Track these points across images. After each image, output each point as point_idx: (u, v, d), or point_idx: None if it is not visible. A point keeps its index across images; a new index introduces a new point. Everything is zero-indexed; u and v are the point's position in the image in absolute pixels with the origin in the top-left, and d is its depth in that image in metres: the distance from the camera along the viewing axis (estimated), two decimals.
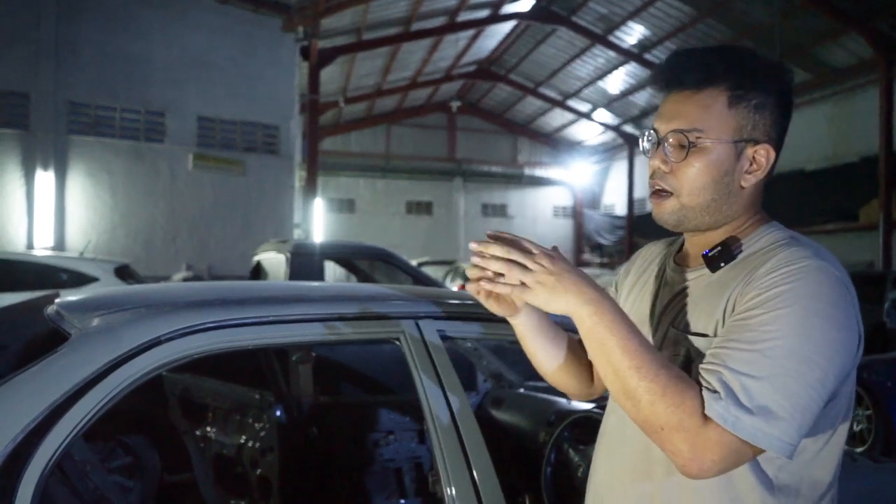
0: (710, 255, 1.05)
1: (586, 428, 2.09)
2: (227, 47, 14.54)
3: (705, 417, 0.88)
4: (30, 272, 7.63)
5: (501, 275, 0.96)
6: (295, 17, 14.97)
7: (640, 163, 25.48)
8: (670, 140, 1.03)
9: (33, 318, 1.70)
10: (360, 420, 2.69)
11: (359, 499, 2.59)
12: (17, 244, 12.68)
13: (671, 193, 1.05)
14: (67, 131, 13.31)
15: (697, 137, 1.01)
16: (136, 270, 8.67)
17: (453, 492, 1.44)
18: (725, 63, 1.02)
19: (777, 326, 0.89)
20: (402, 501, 2.65)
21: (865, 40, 15.46)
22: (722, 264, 1.04)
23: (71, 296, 1.69)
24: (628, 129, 25.36)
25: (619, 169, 27.69)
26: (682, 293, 1.09)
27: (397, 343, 1.58)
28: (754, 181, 1.05)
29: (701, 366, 0.93)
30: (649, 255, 1.27)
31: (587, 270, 20.84)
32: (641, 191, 25.66)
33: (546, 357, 1.22)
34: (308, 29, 15.52)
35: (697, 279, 1.08)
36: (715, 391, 0.88)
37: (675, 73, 1.04)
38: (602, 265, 26.08)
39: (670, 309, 1.10)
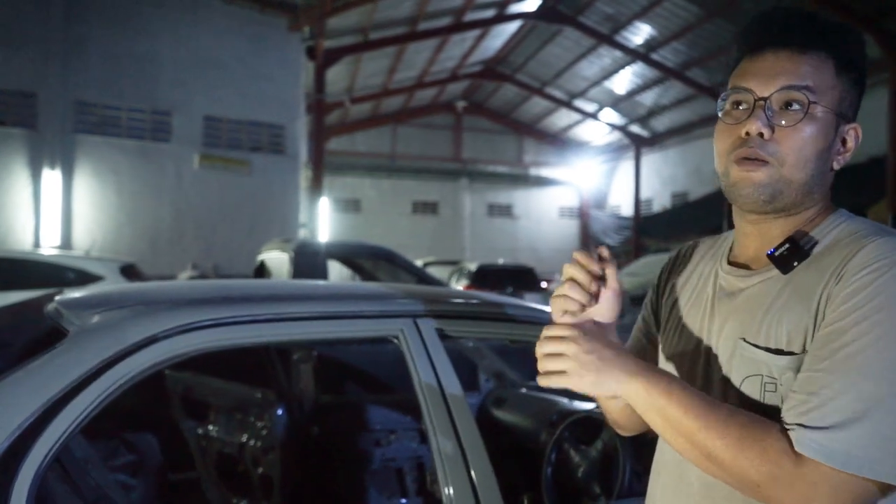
0: (776, 254, 0.91)
1: (588, 428, 2.08)
2: (234, 47, 14.57)
3: (798, 456, 0.76)
4: (36, 271, 7.67)
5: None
6: (301, 17, 14.99)
7: (647, 163, 25.42)
8: (777, 100, 0.88)
9: (34, 316, 1.71)
10: (361, 419, 2.69)
11: (360, 498, 2.59)
12: (23, 243, 12.74)
13: (768, 163, 0.89)
14: (74, 131, 13.38)
15: (811, 102, 0.87)
16: (141, 269, 8.71)
17: (451, 492, 1.43)
18: (833, 28, 0.90)
19: (875, 336, 0.77)
20: (404, 501, 2.64)
21: (875, 40, 15.37)
22: (795, 263, 0.89)
23: (70, 294, 1.69)
24: (635, 129, 25.30)
25: (626, 169, 27.62)
26: (749, 300, 0.93)
27: (396, 341, 1.57)
28: (843, 163, 0.93)
29: (790, 392, 0.82)
30: (696, 255, 1.10)
31: None
32: (648, 191, 25.60)
33: (623, 414, 1.08)
34: (314, 29, 15.55)
35: (766, 283, 0.92)
36: (803, 425, 0.77)
37: (781, 28, 0.90)
38: None
39: (734, 319, 0.94)
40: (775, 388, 0.86)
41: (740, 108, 0.92)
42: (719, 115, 0.95)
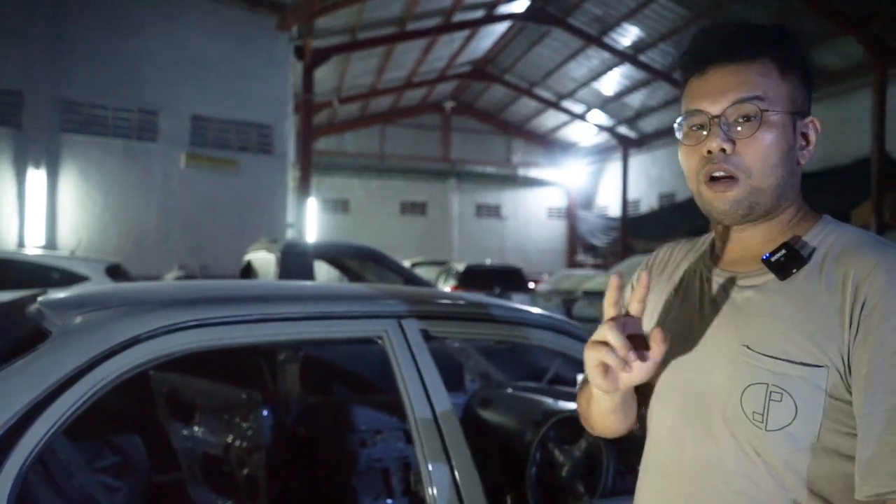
0: (773, 259, 0.90)
1: (572, 428, 2.10)
2: (222, 46, 14.50)
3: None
4: (21, 271, 7.61)
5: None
6: (289, 17, 14.94)
7: (634, 164, 25.53)
8: (731, 115, 0.90)
9: (16, 317, 1.70)
10: (347, 420, 2.69)
11: (346, 498, 2.59)
12: (8, 242, 12.63)
13: (736, 178, 0.90)
14: (60, 130, 13.27)
15: (763, 110, 0.89)
16: (127, 269, 8.65)
17: (434, 492, 1.44)
18: (771, 34, 0.93)
19: None
20: (390, 501, 2.64)
21: (860, 43, 15.53)
22: (794, 270, 0.89)
23: (53, 294, 1.68)
24: (622, 130, 25.39)
25: (613, 170, 27.73)
26: (747, 306, 0.92)
27: (380, 342, 1.58)
28: (808, 158, 0.95)
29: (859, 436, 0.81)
30: (675, 257, 1.11)
31: (581, 272, 20.88)
32: (635, 192, 25.71)
33: (615, 420, 1.07)
34: (302, 28, 15.50)
35: (762, 288, 0.91)
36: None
37: (720, 44, 0.93)
38: (596, 266, 26.11)
39: (729, 323, 0.93)
40: (781, 397, 0.85)
41: (698, 129, 0.94)
42: (679, 138, 0.97)
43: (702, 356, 0.94)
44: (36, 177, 12.98)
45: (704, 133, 0.92)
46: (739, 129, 0.90)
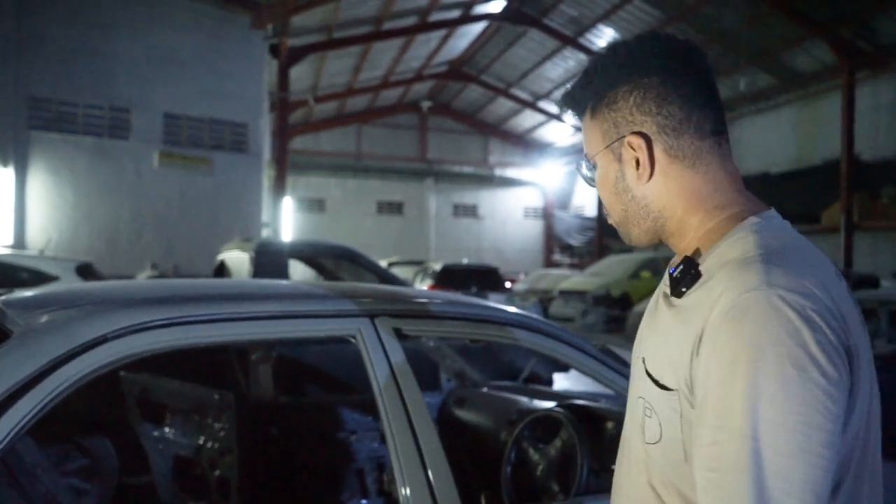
0: (674, 274, 0.88)
1: (547, 427, 2.09)
2: (195, 43, 14.33)
3: None
4: None
5: None
6: (264, 14, 14.81)
7: None
8: (589, 175, 1.03)
9: None
10: (321, 420, 2.66)
11: (319, 499, 2.57)
12: None
13: (607, 216, 1.03)
14: (28, 127, 13.01)
15: (578, 165, 1.03)
16: (99, 269, 8.51)
17: (408, 492, 1.43)
18: (583, 83, 0.98)
19: (727, 418, 0.73)
20: (364, 502, 2.63)
21: (829, 47, 15.79)
22: (683, 289, 0.86)
23: (16, 293, 1.64)
24: None
25: None
26: (658, 318, 0.92)
27: (353, 341, 1.56)
28: (647, 175, 0.92)
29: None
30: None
31: (557, 271, 20.93)
32: None
33: None
34: (277, 26, 15.38)
35: (669, 302, 0.89)
36: None
37: (574, 119, 1.02)
38: (572, 266, 26.26)
39: (644, 336, 0.95)
40: (651, 414, 0.87)
41: None
42: None
43: (633, 360, 0.98)
44: (3, 175, 12.72)
45: None
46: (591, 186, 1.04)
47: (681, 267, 0.87)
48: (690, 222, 0.92)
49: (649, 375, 0.88)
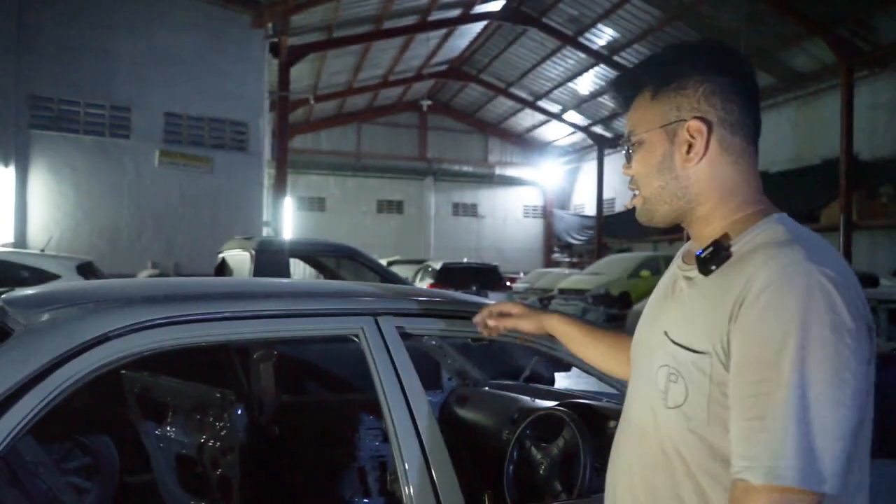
0: (702, 255, 0.99)
1: (549, 425, 2.09)
2: (195, 42, 14.30)
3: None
4: None
5: None
6: (265, 13, 14.79)
7: (610, 163, 25.71)
8: (625, 150, 1.12)
9: None
10: (322, 419, 2.66)
11: (321, 498, 2.56)
12: None
13: (635, 192, 1.11)
14: (29, 126, 12.99)
15: (631, 139, 1.09)
16: (99, 268, 8.50)
17: (412, 491, 1.42)
18: (646, 68, 1.09)
19: (775, 372, 0.85)
20: (366, 501, 2.62)
21: (828, 46, 15.77)
22: (713, 267, 0.98)
23: (17, 292, 1.64)
24: (598, 130, 25.56)
25: (589, 169, 27.89)
26: (679, 297, 1.04)
27: (356, 340, 1.55)
28: (697, 159, 1.02)
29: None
30: (676, 257, 1.22)
31: (557, 270, 20.88)
32: (611, 191, 25.89)
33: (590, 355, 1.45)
34: (278, 25, 15.35)
35: (692, 282, 1.02)
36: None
37: (620, 98, 1.13)
38: (572, 265, 26.26)
39: (667, 313, 1.05)
40: (677, 379, 0.97)
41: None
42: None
43: (646, 339, 1.10)
44: (4, 174, 12.71)
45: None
46: (628, 159, 1.11)
47: (710, 249, 0.99)
48: (720, 212, 1.03)
49: (676, 343, 0.99)
